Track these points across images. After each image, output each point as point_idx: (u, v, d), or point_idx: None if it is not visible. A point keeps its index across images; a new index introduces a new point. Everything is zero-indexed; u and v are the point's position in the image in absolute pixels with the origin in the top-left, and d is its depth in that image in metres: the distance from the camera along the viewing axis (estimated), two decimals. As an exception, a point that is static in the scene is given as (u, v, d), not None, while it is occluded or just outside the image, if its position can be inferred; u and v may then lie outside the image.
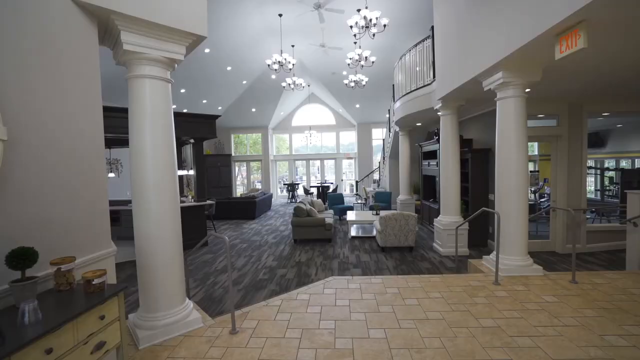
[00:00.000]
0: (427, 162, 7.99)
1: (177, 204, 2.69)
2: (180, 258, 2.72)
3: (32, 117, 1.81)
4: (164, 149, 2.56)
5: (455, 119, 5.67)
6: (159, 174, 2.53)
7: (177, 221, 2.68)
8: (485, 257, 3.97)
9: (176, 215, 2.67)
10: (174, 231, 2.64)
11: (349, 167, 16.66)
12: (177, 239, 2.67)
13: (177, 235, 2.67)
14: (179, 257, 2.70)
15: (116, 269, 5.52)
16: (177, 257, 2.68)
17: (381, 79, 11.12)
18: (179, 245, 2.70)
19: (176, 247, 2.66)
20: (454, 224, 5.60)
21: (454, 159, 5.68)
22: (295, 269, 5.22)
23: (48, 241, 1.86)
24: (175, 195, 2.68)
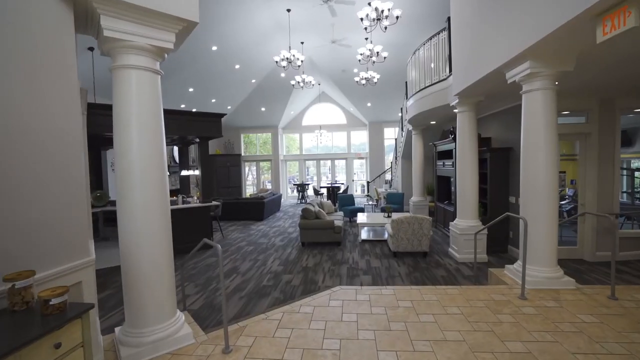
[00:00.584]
0: (442, 162, 7.60)
1: (166, 207, 2.45)
2: (171, 266, 2.48)
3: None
4: (153, 148, 2.33)
5: (473, 116, 5.29)
6: (147, 175, 2.29)
7: (166, 226, 2.44)
8: (508, 267, 3.60)
9: (166, 220, 2.43)
10: (164, 237, 2.40)
11: (361, 167, 16.30)
12: (166, 245, 2.43)
13: (166, 241, 2.43)
14: (169, 265, 2.46)
15: (112, 272, 5.38)
16: (167, 266, 2.44)
17: (393, 76, 10.74)
18: (169, 252, 2.46)
19: (166, 255, 2.42)
20: (472, 228, 5.22)
21: (471, 159, 5.30)
22: (301, 275, 4.95)
23: (3, 251, 1.62)
24: (165, 199, 2.44)
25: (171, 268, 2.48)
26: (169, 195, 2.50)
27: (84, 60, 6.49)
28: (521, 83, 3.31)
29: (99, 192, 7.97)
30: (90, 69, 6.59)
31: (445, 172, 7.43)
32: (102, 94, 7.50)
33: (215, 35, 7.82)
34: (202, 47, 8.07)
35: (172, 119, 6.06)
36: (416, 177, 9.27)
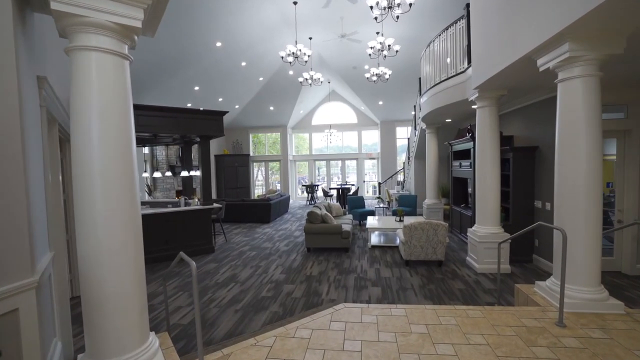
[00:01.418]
0: (459, 163, 7.07)
1: (136, 217, 2.09)
2: (141, 286, 2.11)
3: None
4: (118, 147, 1.97)
5: (495, 111, 4.79)
6: (111, 179, 1.94)
7: (136, 240, 2.07)
8: (539, 284, 3.11)
9: (135, 232, 2.07)
10: (132, 252, 2.04)
11: (372, 167, 15.81)
12: (136, 262, 2.07)
13: (136, 257, 2.07)
14: (139, 284, 2.09)
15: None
16: (137, 286, 2.07)
17: (406, 72, 10.25)
18: (139, 269, 2.10)
19: (135, 273, 2.06)
20: (493, 236, 4.72)
21: (492, 159, 4.79)
22: (304, 285, 4.55)
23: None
24: (134, 207, 2.07)
25: (142, 288, 2.11)
26: (139, 202, 2.14)
27: (83, 56, 6.26)
28: (557, 70, 2.82)
29: (100, 193, 7.76)
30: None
31: (462, 174, 6.91)
32: None
33: (219, 31, 7.52)
34: (206, 43, 7.78)
35: (169, 117, 5.76)
36: (430, 179, 8.76)
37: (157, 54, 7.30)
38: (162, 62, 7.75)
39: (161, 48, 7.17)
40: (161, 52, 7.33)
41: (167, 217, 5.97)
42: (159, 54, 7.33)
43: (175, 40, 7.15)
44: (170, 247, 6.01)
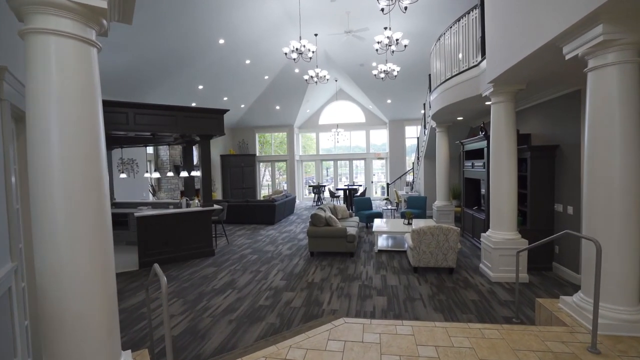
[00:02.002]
0: (471, 163, 6.70)
1: (105, 224, 1.84)
2: (110, 300, 1.86)
3: None
4: (83, 145, 1.73)
5: (511, 107, 4.43)
6: (74, 183, 1.70)
7: (105, 251, 1.83)
8: (564, 299, 2.76)
9: (103, 239, 1.82)
10: (99, 266, 1.79)
11: (381, 167, 15.44)
12: (104, 273, 1.82)
13: (103, 267, 1.82)
14: (108, 299, 1.84)
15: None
16: (105, 300, 1.82)
17: (415, 70, 9.89)
18: (108, 281, 1.85)
19: (102, 286, 1.81)
20: (509, 242, 4.37)
21: (508, 159, 4.44)
22: (305, 293, 4.27)
23: None
24: (103, 215, 1.83)
25: (111, 304, 1.86)
26: (108, 206, 1.89)
27: (82, 54, 6.11)
28: (587, 58, 2.48)
29: (102, 194, 7.63)
30: (87, 63, 6.21)
31: (474, 174, 6.53)
32: (110, 90, 7.16)
33: (221, 27, 7.30)
34: (208, 40, 7.58)
35: (167, 116, 5.56)
36: (440, 179, 8.38)
37: (158, 52, 7.12)
38: (164, 60, 7.58)
39: (162, 46, 6.99)
40: (162, 50, 7.16)
41: (165, 219, 5.77)
42: (159, 52, 7.16)
43: (176, 38, 6.96)
44: (169, 250, 5.81)
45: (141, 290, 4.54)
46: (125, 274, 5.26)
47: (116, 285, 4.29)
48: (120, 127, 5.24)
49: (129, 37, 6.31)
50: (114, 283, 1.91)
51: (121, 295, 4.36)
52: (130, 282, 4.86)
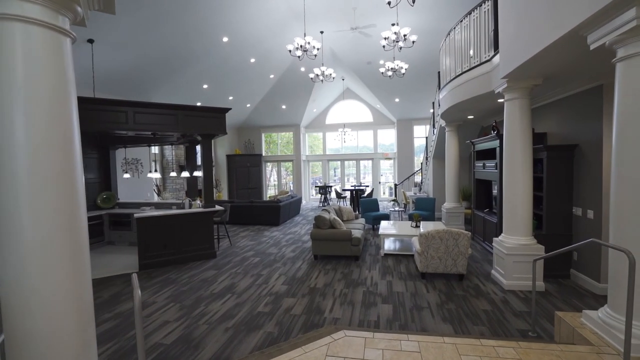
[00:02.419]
0: (482, 164, 6.42)
1: (79, 230, 1.68)
2: (84, 316, 1.70)
3: None
4: (54, 145, 1.58)
5: (526, 104, 4.17)
6: (43, 187, 1.55)
7: (78, 258, 1.67)
8: (588, 314, 2.50)
9: (77, 248, 1.67)
10: (70, 274, 1.64)
11: (389, 168, 15.15)
12: (77, 288, 1.66)
13: (77, 281, 1.66)
14: (81, 314, 1.68)
15: (103, 283, 4.82)
16: (77, 316, 1.66)
17: (423, 67, 9.61)
18: (83, 295, 1.69)
19: (73, 300, 1.65)
20: (523, 248, 4.10)
21: (523, 160, 4.17)
22: (306, 300, 4.08)
23: None
24: (77, 216, 1.67)
25: (86, 320, 1.70)
26: (83, 209, 1.73)
27: (83, 53, 6.05)
28: (615, 47, 2.23)
29: (105, 194, 7.59)
30: (89, 62, 6.15)
31: (486, 175, 6.26)
32: (102, 88, 7.08)
33: (225, 25, 7.17)
34: (212, 38, 7.45)
35: (168, 115, 5.43)
36: (450, 180, 8.10)
37: (161, 50, 7.02)
38: (167, 58, 7.48)
39: (165, 44, 6.88)
40: (165, 49, 7.05)
41: (166, 220, 5.65)
42: (162, 50, 7.05)
43: (179, 36, 6.85)
44: (168, 252, 5.69)
45: (140, 293, 4.40)
46: (124, 276, 5.15)
47: (113, 288, 4.06)
48: (119, 127, 5.13)
49: (131, 35, 6.22)
50: (90, 296, 1.75)
51: (118, 298, 4.24)
52: (128, 286, 4.74)
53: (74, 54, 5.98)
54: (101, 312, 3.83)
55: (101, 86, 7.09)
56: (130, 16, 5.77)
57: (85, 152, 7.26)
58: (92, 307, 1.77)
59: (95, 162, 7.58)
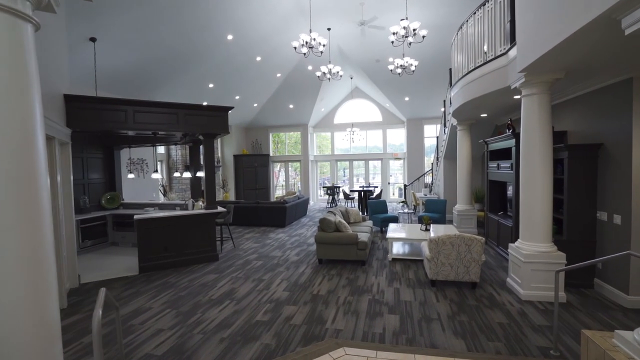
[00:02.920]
0: (496, 164, 6.09)
1: (42, 241, 1.50)
2: (49, 346, 1.51)
3: None
4: (10, 145, 1.39)
5: (546, 100, 3.86)
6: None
7: (42, 276, 1.48)
8: (622, 335, 2.20)
9: (39, 261, 1.48)
10: (32, 288, 1.45)
11: (400, 168, 14.81)
12: (38, 309, 1.47)
13: (37, 295, 1.47)
14: (45, 343, 1.49)
15: (100, 287, 4.60)
16: (39, 346, 1.47)
17: (434, 65, 9.29)
18: (47, 321, 1.50)
19: (33, 326, 1.46)
20: (543, 255, 3.79)
21: (542, 160, 3.86)
22: (308, 308, 3.86)
23: None
24: (40, 222, 1.49)
25: (50, 346, 1.51)
26: (46, 215, 1.55)
27: (85, 51, 5.97)
28: (655, 30, 1.94)
29: (109, 195, 7.53)
30: (91, 60, 6.06)
31: (500, 176, 5.93)
32: (106, 88, 7.00)
33: (229, 22, 7.01)
34: (217, 36, 7.31)
35: (169, 114, 5.29)
36: (462, 181, 7.77)
37: (164, 49, 6.91)
38: (171, 57, 7.37)
39: (168, 42, 6.76)
40: (169, 47, 6.93)
41: (166, 222, 5.51)
42: (166, 48, 6.94)
43: (183, 34, 6.72)
44: (170, 255, 5.55)
45: (136, 298, 4.27)
46: (122, 279, 5.03)
47: (108, 292, 3.82)
48: (118, 126, 5.01)
49: (134, 33, 6.12)
50: (55, 309, 1.56)
51: (113, 304, 4.08)
52: (126, 289, 4.61)
53: (76, 52, 5.88)
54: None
55: (105, 85, 7.02)
56: (133, 13, 5.66)
57: (90, 152, 7.21)
58: (58, 322, 1.58)
59: (99, 162, 7.52)
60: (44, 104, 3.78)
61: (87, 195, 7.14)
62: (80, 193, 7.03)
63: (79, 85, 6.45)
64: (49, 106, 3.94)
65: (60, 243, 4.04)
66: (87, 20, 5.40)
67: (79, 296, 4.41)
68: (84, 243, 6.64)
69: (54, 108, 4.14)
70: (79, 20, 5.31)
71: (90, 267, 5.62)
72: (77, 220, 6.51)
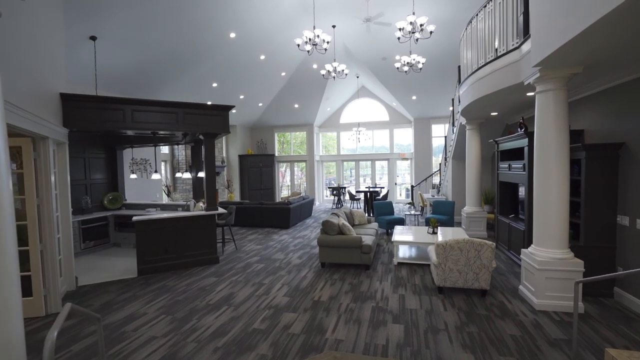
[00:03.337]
0: (507, 165, 5.83)
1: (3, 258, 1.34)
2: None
3: None
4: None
5: (563, 97, 3.61)
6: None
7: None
8: (650, 355, 1.98)
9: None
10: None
11: (407, 168, 14.54)
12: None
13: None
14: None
15: (97, 290, 4.58)
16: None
17: (442, 62, 9.03)
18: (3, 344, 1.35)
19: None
20: (559, 263, 3.55)
21: (558, 160, 3.61)
22: (308, 316, 3.68)
23: None
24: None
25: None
26: (10, 226, 1.40)
27: (85, 50, 5.89)
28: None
29: (111, 195, 7.47)
30: (91, 59, 5.98)
31: (511, 177, 5.67)
32: (105, 86, 6.93)
33: (231, 20, 6.87)
34: (219, 34, 7.18)
35: (167, 113, 5.17)
36: (471, 183, 7.51)
37: (165, 48, 6.80)
38: (174, 56, 7.26)
39: (170, 41, 6.65)
40: (170, 46, 6.83)
41: (165, 223, 5.39)
42: (167, 47, 6.83)
43: (185, 32, 6.60)
44: (169, 257, 5.43)
45: (131, 303, 4.14)
46: (120, 282, 4.92)
47: (105, 296, 3.68)
48: (116, 125, 4.90)
49: (135, 32, 6.02)
50: (17, 330, 1.41)
51: (108, 308, 3.97)
52: (122, 293, 4.49)
53: (76, 50, 5.75)
54: (84, 325, 3.57)
55: (106, 85, 6.96)
56: (133, 11, 5.56)
57: (92, 152, 7.15)
58: (22, 342, 1.43)
59: (102, 162, 7.47)
60: (36, 102, 3.69)
61: (89, 196, 7.08)
62: (82, 193, 6.98)
63: (79, 85, 6.39)
64: (41, 105, 3.84)
65: (52, 246, 3.93)
66: (87, 18, 5.31)
67: (75, 299, 4.31)
68: (86, 244, 6.58)
69: (48, 107, 4.04)
70: (78, 18, 5.23)
71: (90, 269, 5.54)
72: (79, 221, 6.45)
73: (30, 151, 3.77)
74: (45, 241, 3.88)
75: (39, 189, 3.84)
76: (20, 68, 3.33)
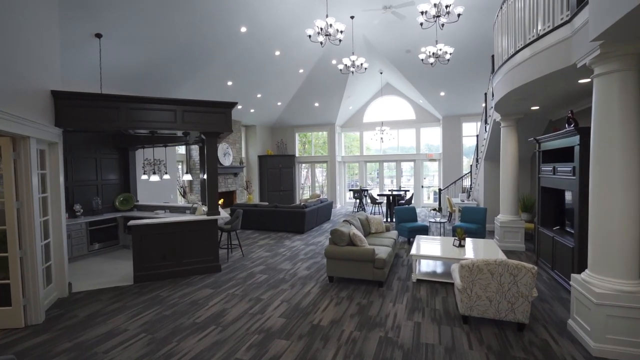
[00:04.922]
0: (552, 167, 4.94)
1: None
2: None
3: None
4: None
5: (632, 80, 2.78)
6: None
7: None
8: None
9: None
10: None
11: (435, 170, 13.56)
12: None
13: None
14: None
15: (92, 297, 4.27)
16: None
17: (472, 53, 8.12)
18: None
19: None
20: (627, 297, 2.73)
21: (626, 163, 2.79)
22: (302, 344, 3.12)
23: None
24: None
25: None
26: None
27: (91, 47, 5.71)
28: None
29: (122, 196, 7.34)
30: (96, 57, 5.80)
31: (557, 183, 4.78)
32: (110, 84, 6.74)
33: (242, 13, 6.47)
34: (229, 29, 6.80)
35: (166, 110, 4.83)
36: (506, 187, 6.58)
37: (175, 45, 6.52)
38: (183, 53, 6.98)
39: (179, 38, 6.35)
40: (180, 43, 6.53)
41: (164, 228, 5.06)
42: (177, 45, 6.54)
43: (194, 27, 6.27)
44: (168, 264, 5.09)
45: (117, 316, 3.79)
46: (114, 289, 4.62)
47: (94, 305, 3.22)
48: (110, 124, 4.60)
49: (143, 29, 5.76)
50: None
51: (92, 320, 3.64)
52: (113, 302, 4.17)
53: (79, 48, 5.45)
54: (59, 341, 3.23)
55: (113, 84, 6.81)
56: (140, 7, 5.28)
57: (103, 152, 7.05)
58: None
59: (114, 162, 7.36)
60: (14, 100, 3.42)
61: (100, 197, 6.97)
62: (93, 194, 6.88)
63: (83, 84, 6.25)
64: (23, 103, 3.57)
65: (33, 253, 3.66)
66: (91, 15, 5.09)
67: (63, 308, 4.04)
68: (92, 246, 6.44)
69: (32, 105, 3.77)
70: (81, 15, 5.01)
71: (90, 274, 5.33)
72: (87, 223, 6.32)
73: (10, 152, 3.52)
74: (26, 247, 3.61)
75: (19, 191, 3.58)
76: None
